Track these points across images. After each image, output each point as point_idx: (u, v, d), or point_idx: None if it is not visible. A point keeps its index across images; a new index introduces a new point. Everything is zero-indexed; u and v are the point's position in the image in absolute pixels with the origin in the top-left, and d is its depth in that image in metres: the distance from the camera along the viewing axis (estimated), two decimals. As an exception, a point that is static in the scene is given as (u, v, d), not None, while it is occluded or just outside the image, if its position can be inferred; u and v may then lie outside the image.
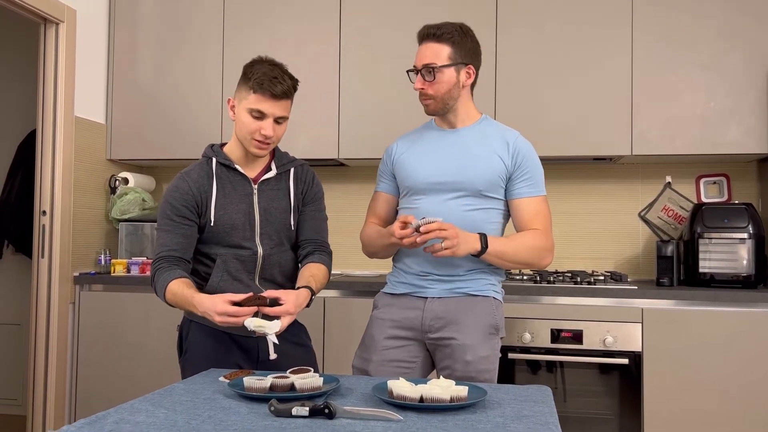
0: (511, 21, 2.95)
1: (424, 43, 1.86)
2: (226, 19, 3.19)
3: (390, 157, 1.99)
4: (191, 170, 1.85)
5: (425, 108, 1.89)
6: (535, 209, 1.86)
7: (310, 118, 3.09)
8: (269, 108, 1.75)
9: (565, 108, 2.90)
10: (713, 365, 2.53)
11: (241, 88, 1.80)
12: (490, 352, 1.81)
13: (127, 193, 3.25)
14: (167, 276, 1.72)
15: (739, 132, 2.78)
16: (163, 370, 2.90)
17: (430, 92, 1.84)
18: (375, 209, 2.03)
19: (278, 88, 1.74)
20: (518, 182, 1.86)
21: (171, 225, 1.79)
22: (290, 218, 1.89)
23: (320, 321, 2.80)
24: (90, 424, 1.16)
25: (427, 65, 1.82)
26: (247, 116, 1.76)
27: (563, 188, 3.23)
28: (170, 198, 1.81)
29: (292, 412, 1.20)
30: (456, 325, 1.81)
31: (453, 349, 1.80)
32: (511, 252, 1.81)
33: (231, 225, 1.80)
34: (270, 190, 1.87)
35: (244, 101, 1.77)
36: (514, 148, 1.86)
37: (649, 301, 2.59)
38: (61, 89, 2.99)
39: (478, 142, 1.87)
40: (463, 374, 1.77)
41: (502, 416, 1.23)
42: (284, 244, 1.89)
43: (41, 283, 2.97)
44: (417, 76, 1.85)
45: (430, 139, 1.93)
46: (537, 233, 1.84)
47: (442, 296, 1.85)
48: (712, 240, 2.73)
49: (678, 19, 2.83)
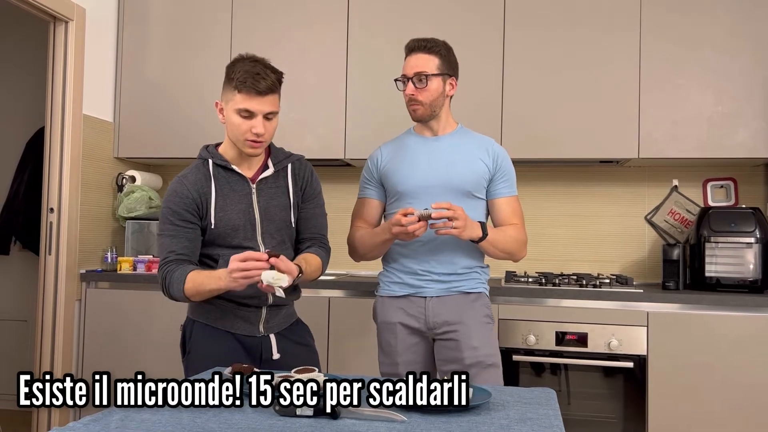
0: (519, 24, 2.94)
1: (414, 54, 2.00)
2: (234, 18, 3.19)
3: (375, 165, 2.10)
4: (188, 173, 1.83)
5: (413, 113, 2.02)
6: (512, 207, 2.06)
7: (316, 118, 3.09)
8: (256, 105, 1.72)
9: (572, 111, 2.89)
10: (719, 370, 2.52)
11: (226, 90, 1.78)
12: (491, 338, 2.00)
13: (134, 191, 3.26)
14: (183, 270, 1.72)
15: (746, 136, 2.77)
16: (169, 367, 2.91)
17: (420, 98, 1.98)
18: (363, 215, 2.12)
19: (262, 84, 1.71)
20: (498, 183, 2.04)
21: (175, 230, 1.77)
22: (290, 216, 1.88)
23: (325, 321, 2.80)
24: (95, 421, 1.17)
25: (419, 73, 1.96)
26: (237, 117, 1.74)
27: (569, 191, 3.23)
28: (170, 203, 1.78)
29: (297, 412, 1.21)
30: (458, 320, 1.97)
31: (459, 341, 1.95)
32: (502, 241, 1.99)
33: (232, 226, 1.79)
34: (269, 189, 1.86)
35: (231, 102, 1.75)
36: (494, 153, 2.04)
37: (654, 305, 2.58)
38: (70, 87, 3.01)
39: (460, 147, 2.04)
40: (473, 361, 1.92)
41: (506, 418, 1.23)
42: (285, 242, 1.89)
43: (48, 279, 2.98)
44: (408, 83, 1.98)
45: (416, 146, 2.06)
46: (519, 228, 2.05)
47: (441, 295, 2.00)
48: (718, 244, 2.72)
49: (685, 23, 2.82)
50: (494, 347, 1.99)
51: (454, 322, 1.97)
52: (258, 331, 1.86)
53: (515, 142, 2.90)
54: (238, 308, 1.84)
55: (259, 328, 1.87)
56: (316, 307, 2.80)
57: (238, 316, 1.84)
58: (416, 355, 2.01)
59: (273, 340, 1.88)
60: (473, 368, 1.92)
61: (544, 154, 2.91)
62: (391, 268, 2.07)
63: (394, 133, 2.21)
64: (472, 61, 2.95)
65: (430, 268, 1.99)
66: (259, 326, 1.87)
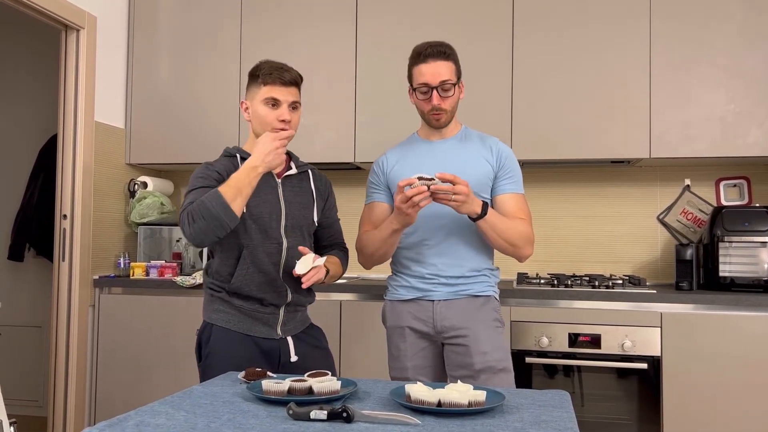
0: (528, 23, 2.94)
1: (432, 61, 1.92)
2: (244, 24, 3.21)
3: (382, 170, 2.09)
4: (215, 162, 1.89)
5: (436, 121, 1.99)
6: (518, 204, 2.00)
7: (326, 122, 3.10)
8: (282, 94, 1.82)
9: (583, 110, 2.88)
10: (733, 370, 2.50)
11: (251, 88, 1.88)
12: (502, 343, 1.96)
13: (146, 197, 3.28)
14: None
15: (759, 134, 2.75)
16: (183, 372, 2.93)
17: (445, 107, 1.95)
18: (372, 219, 2.09)
19: (287, 75, 1.83)
20: (502, 180, 2.01)
21: (205, 182, 1.79)
22: (313, 214, 1.95)
23: (336, 324, 2.80)
24: (111, 426, 1.18)
25: (444, 82, 1.92)
26: (263, 107, 1.83)
27: (581, 191, 3.21)
28: (200, 174, 1.83)
29: (311, 416, 1.21)
30: (466, 324, 1.94)
31: (468, 346, 1.92)
32: (503, 228, 1.91)
33: (258, 214, 1.84)
34: (293, 187, 1.94)
35: (257, 96, 1.85)
36: (498, 151, 2.02)
37: (668, 306, 2.56)
38: (82, 94, 3.03)
39: (466, 148, 2.02)
40: (483, 366, 1.89)
41: (520, 421, 1.23)
42: (306, 239, 1.94)
43: (62, 286, 3.01)
44: (433, 93, 1.93)
45: (422, 150, 2.05)
46: (525, 222, 1.98)
47: (449, 299, 1.97)
48: (732, 243, 2.70)
49: (696, 21, 2.81)
50: (505, 351, 1.96)
51: (462, 326, 1.94)
52: (276, 333, 1.88)
53: (525, 143, 2.89)
54: (256, 311, 1.86)
55: (277, 330, 1.88)
56: (328, 311, 2.80)
57: (256, 319, 1.86)
58: (426, 359, 2.00)
59: (291, 343, 1.89)
60: (484, 373, 1.89)
61: (554, 154, 2.90)
62: (399, 272, 2.06)
63: (403, 135, 2.22)
64: (482, 62, 2.95)
65: (437, 272, 1.97)
66: (277, 329, 1.88)
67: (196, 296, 2.92)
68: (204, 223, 1.67)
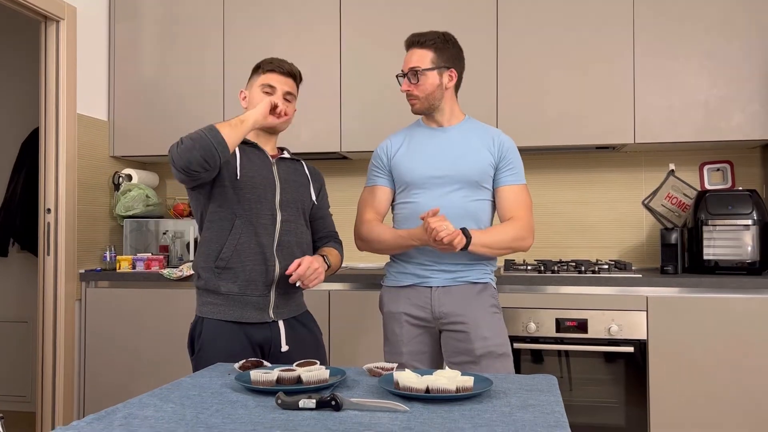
0: (512, 9, 2.93)
1: (410, 50, 2.04)
2: (227, 14, 3.18)
3: (386, 154, 2.11)
4: None
5: (411, 107, 2.06)
6: (517, 196, 2.05)
7: (312, 112, 3.09)
8: (278, 82, 1.94)
9: (567, 97, 2.89)
10: (718, 352, 2.53)
11: (251, 78, 2.00)
12: (501, 328, 1.99)
13: (131, 190, 3.25)
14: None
15: (742, 118, 2.77)
16: (171, 365, 2.92)
17: (416, 93, 2.02)
18: (374, 204, 2.11)
19: (285, 66, 1.96)
20: (503, 172, 2.05)
21: None
22: (310, 192, 2.01)
23: (325, 314, 2.81)
24: (99, 419, 1.17)
25: (413, 68, 2.01)
26: (260, 93, 1.93)
27: (566, 177, 3.23)
28: None
29: (300, 405, 1.21)
30: (464, 311, 1.96)
31: (469, 333, 1.94)
32: (492, 241, 1.96)
33: (253, 184, 1.88)
34: (287, 167, 2.00)
35: (255, 83, 1.96)
36: (499, 143, 2.05)
37: (653, 289, 2.59)
38: (63, 87, 2.99)
39: (466, 138, 2.06)
40: (484, 351, 1.92)
41: (508, 405, 1.24)
42: (301, 217, 1.98)
43: (47, 280, 2.98)
44: (404, 79, 2.03)
45: (423, 137, 2.08)
46: (514, 222, 2.01)
47: (447, 285, 1.99)
48: (716, 227, 2.73)
49: (680, 6, 2.82)
50: (504, 336, 1.98)
51: (460, 313, 1.96)
52: (268, 316, 1.89)
53: (510, 130, 2.89)
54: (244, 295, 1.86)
55: (269, 313, 1.89)
56: (317, 300, 2.80)
57: (246, 304, 1.87)
58: (421, 345, 2.01)
59: (282, 329, 1.90)
60: (485, 359, 1.91)
61: (539, 141, 2.91)
62: (397, 259, 2.08)
63: (389, 124, 2.23)
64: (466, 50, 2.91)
65: (436, 258, 1.99)
66: (269, 311, 1.89)
67: (183, 288, 2.91)
68: (191, 143, 1.70)
